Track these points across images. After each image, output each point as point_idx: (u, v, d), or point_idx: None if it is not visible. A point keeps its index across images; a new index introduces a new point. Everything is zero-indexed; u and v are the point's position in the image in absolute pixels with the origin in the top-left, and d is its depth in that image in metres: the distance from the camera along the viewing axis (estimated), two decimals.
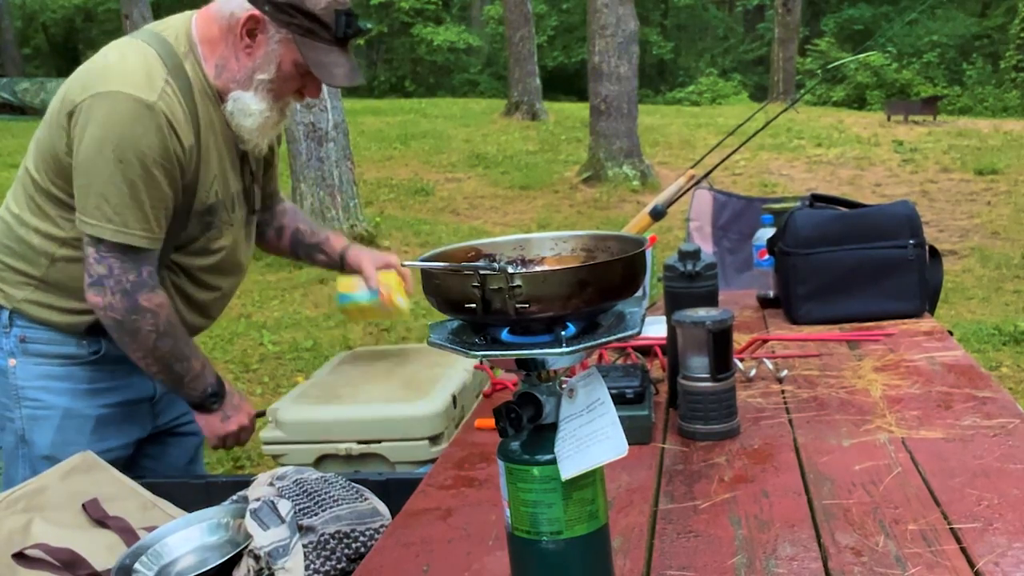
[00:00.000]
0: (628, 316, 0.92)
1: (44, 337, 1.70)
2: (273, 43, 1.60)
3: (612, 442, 0.86)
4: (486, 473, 1.39)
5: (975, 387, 1.57)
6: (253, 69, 1.62)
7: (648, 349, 1.88)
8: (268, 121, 1.67)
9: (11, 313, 1.69)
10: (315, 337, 5.57)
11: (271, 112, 1.66)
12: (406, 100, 20.65)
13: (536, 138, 13.92)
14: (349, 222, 7.99)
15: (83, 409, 1.72)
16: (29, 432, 1.71)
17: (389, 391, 1.95)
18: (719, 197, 3.63)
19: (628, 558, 1.08)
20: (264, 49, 1.60)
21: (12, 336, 1.70)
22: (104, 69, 1.58)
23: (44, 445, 1.70)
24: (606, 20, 10.70)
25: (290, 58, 1.60)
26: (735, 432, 1.45)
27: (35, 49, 28.90)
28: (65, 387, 1.71)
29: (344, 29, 1.59)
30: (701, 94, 24.55)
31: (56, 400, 1.71)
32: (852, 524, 1.11)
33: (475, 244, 0.98)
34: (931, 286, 2.13)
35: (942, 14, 26.07)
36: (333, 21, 1.58)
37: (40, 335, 1.70)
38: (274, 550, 1.23)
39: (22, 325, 1.69)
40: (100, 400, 1.74)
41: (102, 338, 1.71)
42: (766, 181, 11.14)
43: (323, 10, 1.57)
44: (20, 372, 1.70)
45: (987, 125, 15.33)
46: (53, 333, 1.70)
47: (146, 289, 1.60)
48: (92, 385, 1.73)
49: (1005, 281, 6.96)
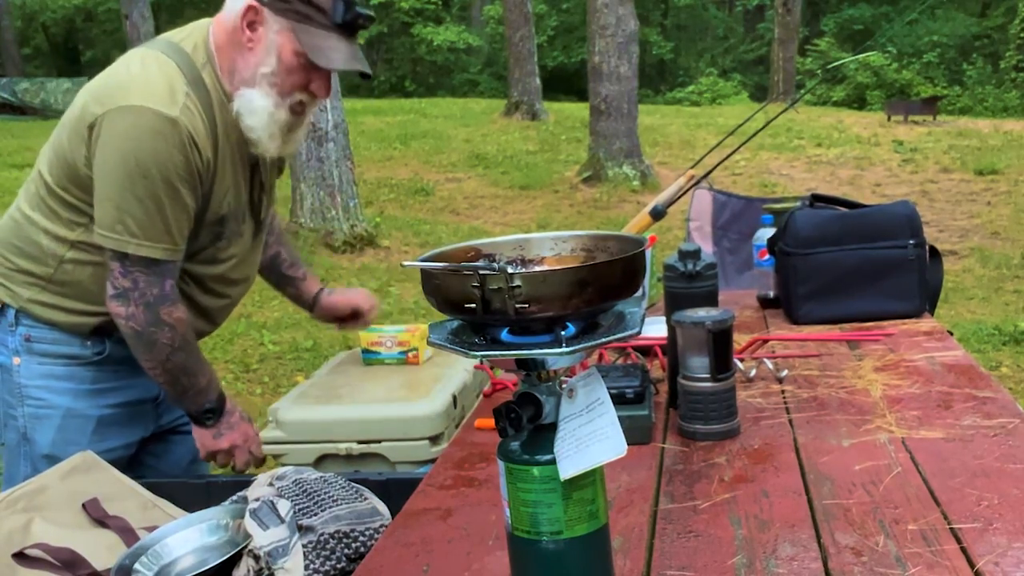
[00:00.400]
0: (628, 316, 0.92)
1: (49, 337, 1.70)
2: (272, 33, 1.58)
3: (611, 442, 0.86)
4: (486, 473, 1.39)
5: (975, 387, 1.57)
6: (256, 64, 1.60)
7: (648, 349, 1.88)
8: (276, 120, 1.63)
9: (17, 312, 1.70)
10: (315, 337, 5.57)
11: (278, 110, 1.63)
12: (406, 100, 20.65)
13: (536, 138, 13.92)
14: (349, 222, 7.99)
15: (85, 409, 1.73)
16: (31, 430, 1.71)
17: (389, 391, 1.95)
18: (719, 197, 3.63)
19: (628, 558, 1.08)
20: (264, 41, 1.58)
21: (17, 335, 1.70)
22: (126, 82, 1.57)
23: (45, 444, 1.71)
24: (606, 20, 10.70)
25: (290, 47, 1.58)
26: (735, 432, 1.45)
27: (35, 49, 28.91)
28: (67, 387, 1.72)
29: (343, 15, 1.56)
30: (701, 94, 24.54)
31: (58, 400, 1.71)
32: (852, 524, 1.11)
33: (475, 244, 0.98)
34: (931, 286, 2.13)
35: (942, 14, 26.06)
36: (330, 5, 1.55)
37: (45, 335, 1.70)
38: (274, 550, 1.23)
39: (27, 324, 1.70)
40: (102, 400, 1.74)
41: (106, 339, 1.72)
42: (766, 181, 11.14)
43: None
44: (24, 371, 1.71)
45: (987, 125, 15.33)
46: (58, 333, 1.70)
47: (168, 303, 1.61)
48: (95, 385, 1.73)
49: (1005, 281, 6.96)
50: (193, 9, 27.20)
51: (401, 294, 6.57)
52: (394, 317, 6.10)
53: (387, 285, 6.90)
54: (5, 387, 1.73)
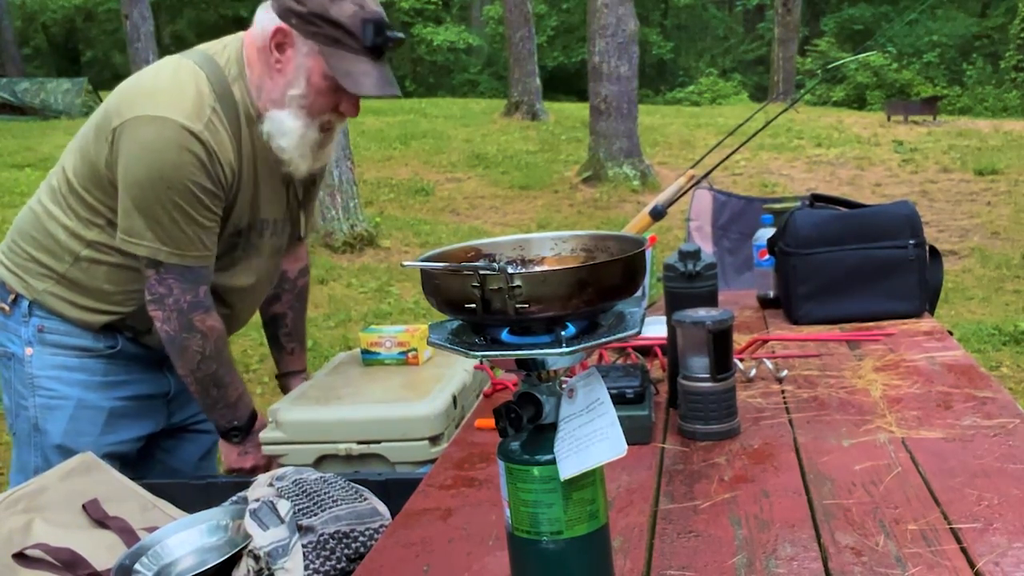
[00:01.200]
0: (628, 316, 0.92)
1: (61, 328, 1.72)
2: (301, 56, 1.58)
3: (611, 442, 0.86)
4: (486, 473, 1.39)
5: (975, 387, 1.57)
6: (286, 86, 1.60)
7: (648, 349, 1.88)
8: (306, 140, 1.64)
9: (31, 303, 1.72)
10: (315, 337, 5.57)
11: (308, 130, 1.63)
12: (406, 100, 20.62)
13: (536, 138, 13.92)
14: (349, 222, 8.00)
15: (96, 401, 1.75)
16: (43, 420, 1.73)
17: (389, 391, 1.95)
18: (719, 197, 3.63)
19: (628, 558, 1.08)
20: (294, 63, 1.58)
21: (31, 326, 1.72)
22: (154, 90, 1.58)
23: (57, 433, 1.73)
24: (606, 20, 10.70)
25: (319, 70, 1.58)
26: (735, 432, 1.45)
27: (35, 49, 28.92)
28: (79, 378, 1.74)
29: (373, 38, 1.55)
30: (701, 94, 24.57)
31: (69, 391, 1.73)
32: (852, 524, 1.11)
33: (475, 244, 0.98)
34: (931, 286, 2.13)
35: (942, 14, 26.08)
36: (360, 29, 1.54)
37: (58, 326, 1.72)
38: (273, 550, 1.23)
39: (41, 315, 1.72)
40: (113, 393, 1.76)
41: (119, 334, 1.74)
42: (766, 181, 11.14)
43: (349, 18, 1.54)
44: (36, 361, 1.73)
45: (987, 125, 15.33)
46: (70, 326, 1.72)
47: (201, 310, 1.64)
48: (106, 378, 1.76)
49: (1005, 281, 6.96)
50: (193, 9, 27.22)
51: (401, 294, 6.57)
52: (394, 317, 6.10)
53: (387, 285, 6.90)
54: (17, 377, 1.75)
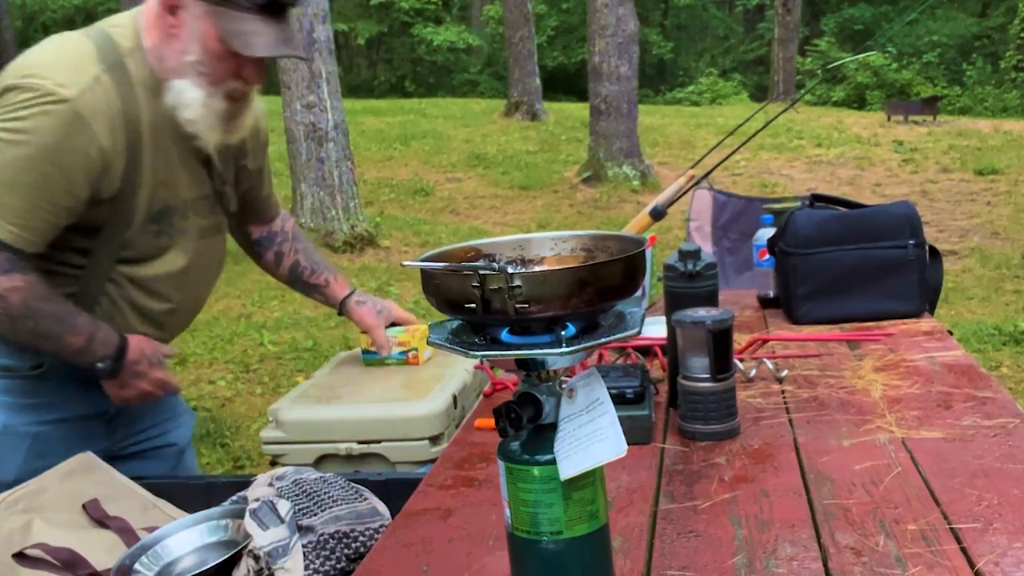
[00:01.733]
0: (628, 316, 0.92)
1: None
2: (193, 18, 1.48)
3: (611, 442, 0.86)
4: (486, 473, 1.39)
5: (975, 387, 1.57)
6: (181, 52, 1.50)
7: (648, 349, 1.88)
8: (211, 110, 1.53)
9: None
10: (315, 337, 5.57)
11: (212, 100, 1.53)
12: (406, 100, 20.65)
13: (536, 138, 13.92)
14: (349, 222, 8.01)
15: (19, 426, 1.63)
16: None
17: (389, 391, 1.95)
18: (719, 197, 3.63)
19: (628, 558, 1.08)
20: (187, 27, 1.49)
21: None
22: (33, 59, 1.50)
23: None
24: (606, 20, 10.70)
25: (212, 33, 1.48)
26: (735, 432, 1.45)
27: None
28: (3, 400, 1.62)
29: None
30: (701, 94, 24.57)
31: None
32: (852, 524, 1.11)
33: (475, 244, 0.98)
34: (931, 286, 2.13)
35: (942, 14, 26.08)
36: None
37: None
38: (273, 550, 1.23)
39: None
40: (39, 416, 1.64)
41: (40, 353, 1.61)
42: (766, 181, 11.14)
43: None
44: None
45: (987, 125, 15.33)
46: None
47: None
48: (31, 400, 1.64)
49: (1005, 281, 6.96)
50: None
51: (401, 294, 6.57)
52: None
53: (387, 285, 6.90)
54: None
